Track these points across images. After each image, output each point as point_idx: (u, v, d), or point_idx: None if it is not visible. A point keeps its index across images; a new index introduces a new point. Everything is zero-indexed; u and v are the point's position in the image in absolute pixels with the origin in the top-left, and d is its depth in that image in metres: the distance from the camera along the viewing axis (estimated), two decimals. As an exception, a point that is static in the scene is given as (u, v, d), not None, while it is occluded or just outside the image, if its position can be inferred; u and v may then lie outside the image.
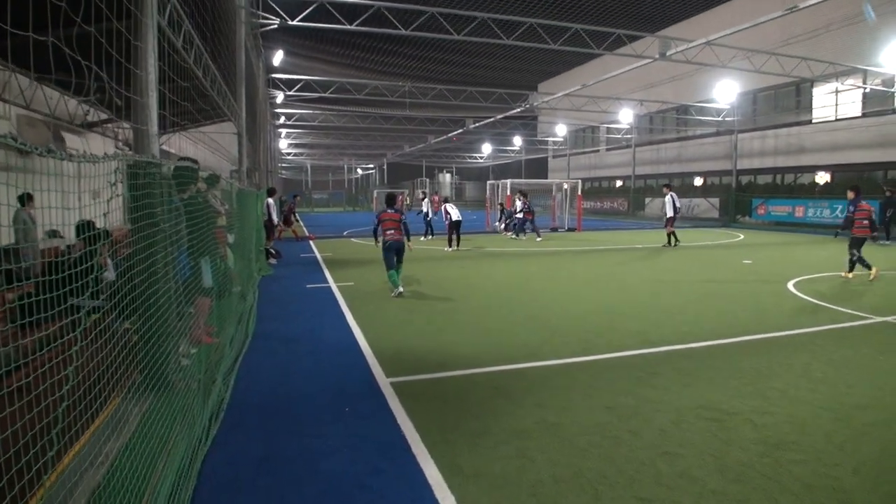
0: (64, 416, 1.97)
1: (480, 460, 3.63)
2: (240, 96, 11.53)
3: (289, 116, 36.92)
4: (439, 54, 31.65)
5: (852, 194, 10.89)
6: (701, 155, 34.04)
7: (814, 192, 26.07)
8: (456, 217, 16.81)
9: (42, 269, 4.47)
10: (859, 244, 10.55)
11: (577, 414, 4.37)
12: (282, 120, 37.49)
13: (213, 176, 7.05)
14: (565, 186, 27.93)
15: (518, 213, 20.67)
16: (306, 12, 14.94)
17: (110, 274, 5.08)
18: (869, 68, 21.47)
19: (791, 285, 10.17)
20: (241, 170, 11.99)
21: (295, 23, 14.76)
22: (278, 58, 21.47)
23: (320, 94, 26.78)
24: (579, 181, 27.84)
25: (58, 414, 1.95)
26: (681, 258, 14.69)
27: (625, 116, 33.58)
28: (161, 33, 4.92)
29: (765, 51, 20.99)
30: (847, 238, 10.98)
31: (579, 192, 26.61)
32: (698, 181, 34.40)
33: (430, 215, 20.89)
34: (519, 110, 31.52)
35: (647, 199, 36.28)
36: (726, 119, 30.82)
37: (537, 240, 19.79)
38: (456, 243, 16.87)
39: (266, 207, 14.48)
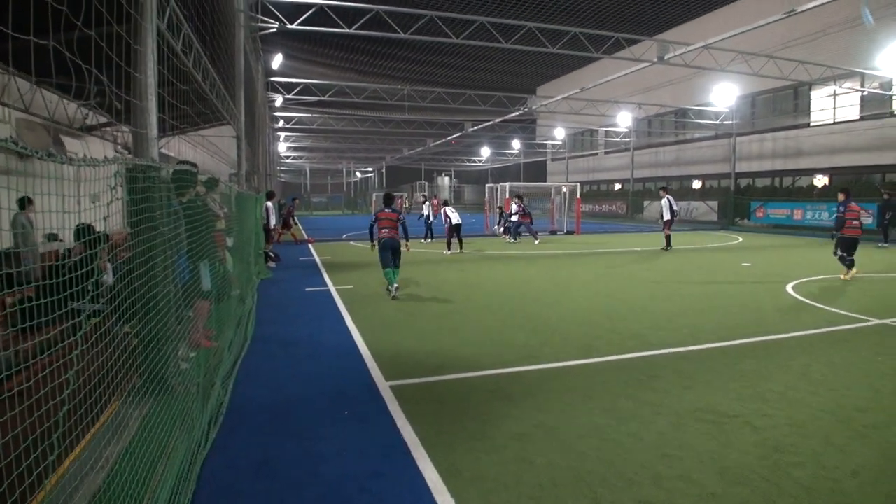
0: (65, 421, 1.97)
1: (479, 463, 3.63)
2: (239, 100, 11.54)
3: (287, 120, 37.00)
4: (438, 58, 31.72)
5: (842, 196, 11.14)
6: (699, 158, 34.12)
7: (812, 195, 26.14)
8: (456, 220, 16.84)
9: (42, 272, 4.48)
10: (846, 244, 10.88)
11: (576, 417, 4.37)
12: (280, 123, 37.57)
13: (212, 179, 7.05)
14: (564, 189, 27.97)
15: (513, 216, 20.70)
16: (305, 16, 14.99)
17: (109, 277, 5.07)
18: (867, 72, 21.55)
19: (790, 288, 10.19)
20: (240, 173, 12.01)
21: (294, 26, 14.81)
22: (277, 61, 21.52)
23: (319, 98, 26.87)
24: (578, 184, 27.90)
25: (58, 418, 1.95)
26: (680, 261, 14.71)
27: (623, 120, 33.67)
28: (160, 37, 4.94)
29: (763, 54, 21.08)
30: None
31: (578, 196, 26.66)
32: (697, 184, 34.48)
33: (431, 218, 20.95)
34: (518, 113, 31.62)
35: (646, 202, 36.34)
36: (725, 122, 30.92)
37: (535, 243, 19.79)
38: (459, 246, 16.92)
39: (265, 211, 14.48)
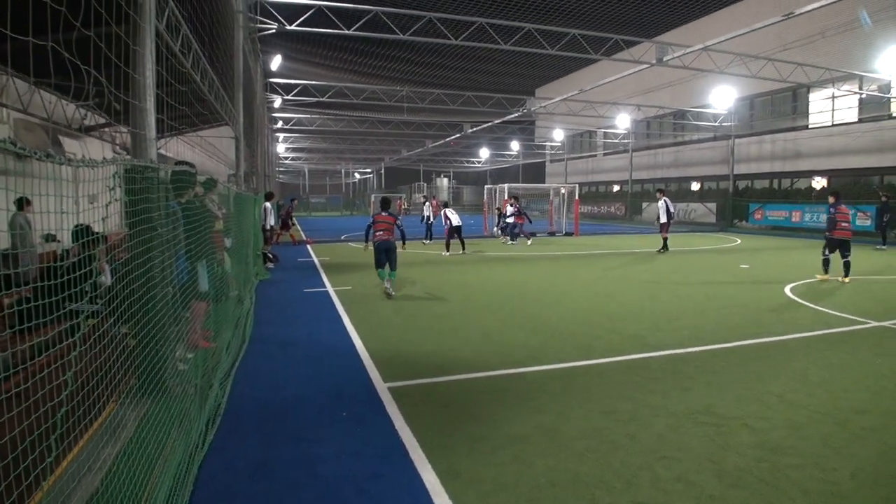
0: (62, 422, 1.97)
1: (478, 465, 3.63)
2: (237, 100, 11.55)
3: (286, 121, 37.00)
4: (437, 59, 31.72)
5: (833, 199, 11.32)
6: (698, 160, 34.16)
7: (810, 197, 26.18)
8: (456, 222, 16.87)
9: (39, 273, 4.46)
10: (836, 245, 11.06)
11: (574, 418, 4.37)
12: (279, 124, 37.57)
13: (210, 180, 7.04)
14: (563, 191, 28.00)
15: (509, 217, 20.71)
16: (304, 17, 15.00)
17: (106, 278, 5.06)
18: (865, 74, 21.60)
19: (788, 289, 10.20)
20: (239, 174, 12.01)
21: (293, 27, 14.81)
22: (276, 62, 21.53)
23: (318, 99, 26.88)
24: (577, 185, 27.91)
25: (56, 419, 1.94)
26: (678, 263, 14.72)
27: (622, 121, 33.71)
28: (159, 38, 4.94)
29: (762, 56, 21.11)
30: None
31: (576, 197, 26.67)
32: (695, 186, 34.51)
33: (431, 219, 20.99)
34: (517, 115, 31.67)
35: (645, 204, 36.38)
36: (723, 124, 30.96)
37: (528, 244, 19.80)
38: (461, 247, 16.97)
39: (263, 211, 14.47)
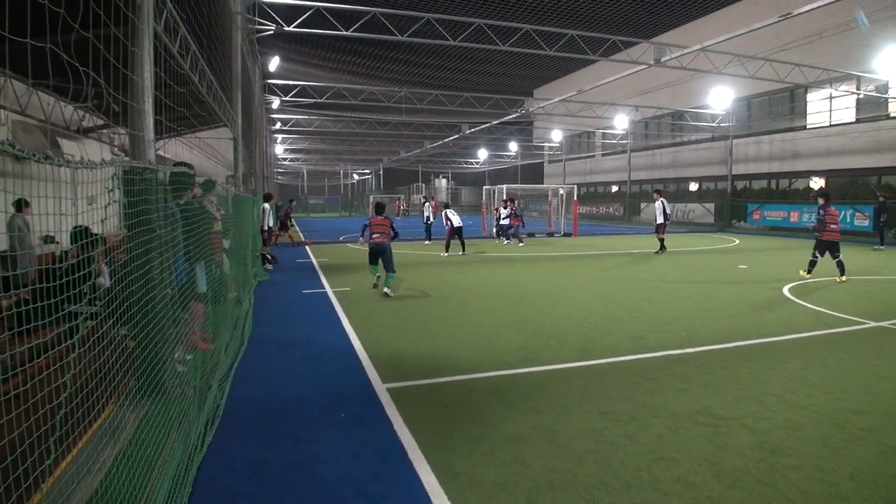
0: (62, 424, 1.96)
1: (477, 466, 3.63)
2: (236, 102, 11.54)
3: (285, 122, 36.97)
4: (435, 60, 31.72)
5: (822, 200, 11.39)
6: (696, 160, 34.21)
7: (808, 198, 26.21)
8: (457, 223, 16.89)
9: (38, 275, 4.46)
10: (826, 247, 11.19)
11: (573, 419, 4.37)
12: (278, 125, 37.54)
13: (208, 181, 7.04)
14: (561, 192, 28.01)
15: (504, 218, 20.71)
16: (302, 18, 14.99)
17: (105, 280, 5.06)
18: (862, 74, 21.64)
19: (786, 290, 10.22)
20: (237, 175, 12.00)
21: (291, 29, 14.81)
22: (274, 63, 21.53)
23: (316, 100, 26.85)
24: (575, 186, 27.94)
25: (55, 421, 1.94)
26: (677, 263, 14.73)
27: (620, 122, 33.74)
28: (157, 39, 4.93)
29: (759, 57, 21.15)
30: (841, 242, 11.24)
31: (575, 198, 26.69)
32: (693, 186, 34.56)
33: (431, 220, 21.00)
34: (515, 116, 31.67)
35: (643, 205, 36.41)
36: (721, 125, 31.01)
37: (519, 245, 19.80)
38: (461, 248, 17.00)
39: (261, 213, 14.46)
